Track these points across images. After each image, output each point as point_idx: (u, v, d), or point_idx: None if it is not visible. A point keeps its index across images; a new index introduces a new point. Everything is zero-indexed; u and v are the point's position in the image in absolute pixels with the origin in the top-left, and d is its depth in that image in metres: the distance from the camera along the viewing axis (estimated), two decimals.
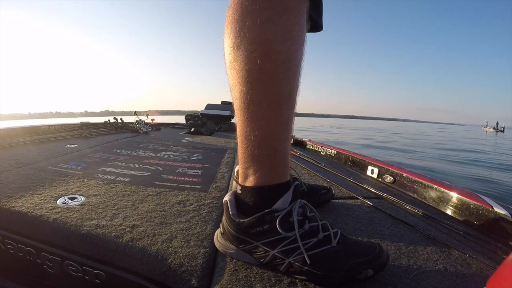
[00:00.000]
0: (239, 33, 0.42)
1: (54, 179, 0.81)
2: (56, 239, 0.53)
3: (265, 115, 0.43)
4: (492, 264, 0.52)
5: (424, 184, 0.92)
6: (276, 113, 0.44)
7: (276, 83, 0.43)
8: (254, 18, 0.41)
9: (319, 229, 0.45)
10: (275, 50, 0.41)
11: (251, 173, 0.46)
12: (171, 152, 1.43)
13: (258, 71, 0.42)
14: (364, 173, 1.24)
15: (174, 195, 0.76)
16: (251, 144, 0.45)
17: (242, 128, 0.45)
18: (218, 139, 2.21)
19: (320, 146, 1.79)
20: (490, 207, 0.69)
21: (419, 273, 0.47)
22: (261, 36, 0.41)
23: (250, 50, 0.42)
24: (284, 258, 0.43)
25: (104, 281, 0.49)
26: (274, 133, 0.45)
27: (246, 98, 0.44)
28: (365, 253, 0.44)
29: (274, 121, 0.44)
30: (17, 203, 0.61)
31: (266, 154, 0.45)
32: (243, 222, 0.45)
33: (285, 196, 0.45)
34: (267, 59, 0.41)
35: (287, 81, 0.43)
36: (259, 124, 0.44)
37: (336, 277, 0.42)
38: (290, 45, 0.42)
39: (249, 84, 0.43)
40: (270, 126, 0.44)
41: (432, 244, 0.59)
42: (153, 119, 2.83)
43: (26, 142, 1.39)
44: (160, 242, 0.50)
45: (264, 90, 0.43)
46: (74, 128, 2.06)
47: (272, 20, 0.41)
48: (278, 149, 0.45)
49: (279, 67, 0.42)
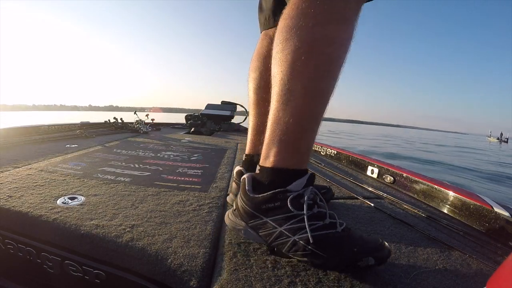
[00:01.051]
0: (291, 30, 0.47)
1: (54, 179, 0.81)
2: (56, 239, 0.53)
3: (299, 105, 0.47)
4: (492, 264, 0.52)
5: (424, 184, 0.92)
6: (310, 106, 0.48)
7: (315, 79, 0.47)
8: (307, 20, 0.46)
9: (327, 215, 0.48)
10: (320, 51, 0.46)
11: (273, 154, 0.50)
12: (171, 152, 1.43)
13: (301, 65, 0.46)
14: (364, 173, 1.24)
15: (174, 195, 0.76)
16: (279, 128, 0.49)
17: (275, 112, 0.49)
18: (218, 139, 2.21)
19: (320, 146, 1.79)
20: (490, 207, 0.69)
21: (419, 273, 0.47)
22: (310, 36, 0.46)
23: (298, 46, 0.46)
24: (290, 236, 0.46)
25: (104, 281, 0.49)
26: (303, 123, 0.49)
27: (284, 87, 0.48)
28: (367, 243, 0.46)
29: (306, 113, 0.48)
30: (17, 203, 0.61)
31: (291, 140, 0.49)
32: (257, 197, 0.49)
33: (300, 180, 0.48)
34: (311, 57, 0.46)
35: (325, 80, 0.48)
36: (292, 112, 0.48)
37: (337, 260, 0.44)
38: (334, 48, 0.47)
39: (290, 75, 0.47)
40: (301, 116, 0.48)
41: (432, 244, 0.59)
42: (153, 119, 2.83)
43: (26, 142, 1.39)
44: (160, 242, 0.50)
45: (302, 82, 0.47)
46: (74, 128, 2.06)
47: (322, 24, 0.46)
48: (303, 138, 0.49)
49: (320, 66, 0.47)
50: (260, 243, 0.51)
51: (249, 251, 0.50)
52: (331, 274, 0.45)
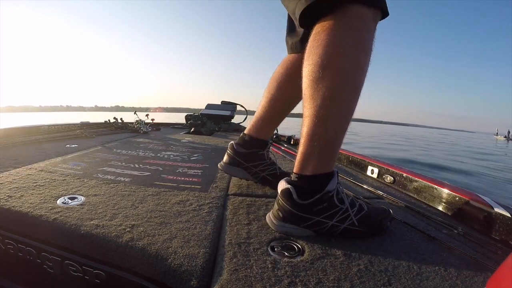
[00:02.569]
0: (330, 57, 0.55)
1: (54, 179, 0.81)
2: (56, 239, 0.53)
3: (336, 124, 0.57)
4: (492, 264, 0.52)
5: (424, 184, 0.92)
6: (343, 124, 0.59)
7: (349, 102, 0.57)
8: (346, 49, 0.55)
9: (357, 201, 0.63)
10: (353, 78, 0.57)
11: (312, 164, 0.59)
12: (171, 152, 1.43)
13: (340, 90, 0.56)
14: (364, 173, 1.24)
15: (174, 195, 0.76)
16: (318, 144, 0.58)
17: (313, 129, 0.57)
18: (218, 139, 2.21)
19: None
20: (490, 207, 0.69)
21: (419, 273, 0.47)
22: (350, 65, 0.56)
23: (338, 73, 0.55)
24: (340, 225, 0.58)
25: (104, 281, 0.49)
26: (338, 138, 0.59)
27: (323, 108, 0.56)
28: (383, 211, 0.64)
29: (340, 130, 0.58)
30: (17, 203, 0.61)
31: (327, 152, 0.59)
32: (307, 203, 0.57)
33: (333, 180, 0.58)
34: (349, 83, 0.56)
35: (355, 101, 0.58)
36: (329, 129, 0.57)
37: (373, 229, 0.60)
38: (362, 76, 0.57)
39: (328, 99, 0.56)
40: (337, 132, 0.58)
41: (432, 244, 0.59)
42: (153, 119, 2.83)
43: (26, 142, 1.39)
44: (160, 242, 0.50)
45: (340, 105, 0.57)
46: (74, 128, 2.06)
47: (355, 54, 0.56)
48: (336, 150, 0.60)
49: (353, 91, 0.57)
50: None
51: (249, 251, 0.50)
52: (331, 274, 0.45)
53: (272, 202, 0.76)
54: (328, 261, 0.49)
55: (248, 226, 0.60)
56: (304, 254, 0.51)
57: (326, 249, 0.53)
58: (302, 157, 0.59)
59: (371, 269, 0.47)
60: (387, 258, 0.51)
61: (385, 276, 0.46)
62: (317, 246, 0.54)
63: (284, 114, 0.93)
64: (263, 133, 0.90)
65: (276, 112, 0.90)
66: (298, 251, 0.52)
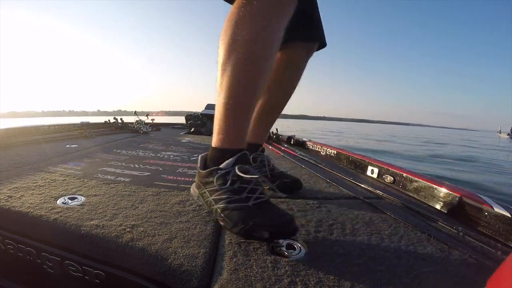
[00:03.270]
0: (224, 32, 0.60)
1: (54, 179, 0.81)
2: (56, 239, 0.53)
3: (226, 95, 0.59)
4: (492, 264, 0.52)
5: (424, 184, 0.92)
6: (234, 96, 0.59)
7: (237, 74, 0.59)
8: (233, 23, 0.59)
9: (246, 190, 0.57)
10: (239, 52, 0.59)
11: (215, 137, 0.62)
12: (171, 152, 1.43)
13: (224, 63, 0.58)
14: (364, 173, 1.24)
15: (174, 195, 0.76)
16: (219, 117, 0.61)
17: (217, 104, 0.61)
18: None
19: (320, 146, 1.79)
20: (490, 207, 0.69)
21: (419, 273, 0.47)
22: (231, 37, 0.58)
23: (223, 47, 0.60)
24: (214, 204, 0.58)
25: (104, 281, 0.49)
26: (234, 112, 0.60)
27: (220, 83, 0.59)
28: (271, 219, 0.55)
29: (234, 104, 0.59)
30: (17, 203, 0.61)
31: (227, 125, 0.60)
32: (201, 172, 0.62)
33: (230, 160, 0.59)
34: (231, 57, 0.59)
35: (245, 75, 0.59)
36: (221, 101, 0.59)
37: (237, 229, 0.53)
38: (252, 45, 0.58)
39: (220, 72, 0.59)
40: (231, 106, 0.59)
41: (432, 244, 0.59)
42: (153, 119, 2.83)
43: (26, 142, 1.39)
44: (160, 242, 0.50)
45: (227, 78, 0.59)
46: (74, 128, 2.06)
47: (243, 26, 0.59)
48: (234, 124, 0.61)
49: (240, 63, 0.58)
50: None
51: (249, 251, 0.50)
52: (331, 274, 0.45)
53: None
54: (328, 261, 0.49)
55: None
56: (304, 253, 0.51)
57: (326, 248, 0.53)
58: (213, 129, 0.63)
59: (371, 269, 0.47)
60: (387, 258, 0.51)
61: (385, 276, 0.46)
62: (317, 246, 0.54)
63: (271, 117, 0.94)
64: (253, 137, 0.91)
65: (262, 116, 0.92)
66: (299, 250, 0.52)
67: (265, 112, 0.92)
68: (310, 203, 0.77)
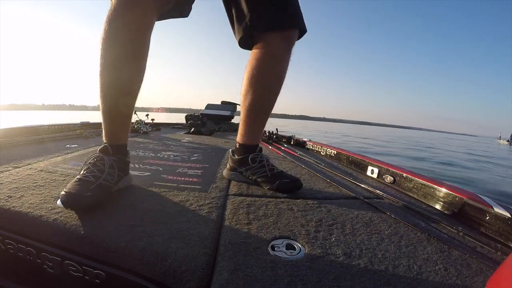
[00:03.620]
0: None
1: (54, 179, 0.81)
2: (56, 239, 0.53)
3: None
4: (492, 264, 0.52)
5: (424, 184, 0.92)
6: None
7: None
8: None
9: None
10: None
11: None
12: (171, 152, 1.43)
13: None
14: (364, 173, 1.24)
15: (174, 195, 0.76)
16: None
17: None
18: (218, 139, 2.21)
19: (320, 146, 1.79)
20: (490, 207, 0.69)
21: (419, 273, 0.47)
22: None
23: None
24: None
25: (104, 281, 0.49)
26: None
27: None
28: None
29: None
30: (17, 203, 0.61)
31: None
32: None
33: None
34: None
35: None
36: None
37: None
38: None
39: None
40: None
41: (432, 244, 0.59)
42: (153, 119, 2.83)
43: (26, 142, 1.39)
44: (160, 242, 0.50)
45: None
46: (74, 128, 2.06)
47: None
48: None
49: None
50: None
51: (249, 251, 0.50)
52: (331, 274, 0.45)
53: (272, 202, 0.76)
54: (328, 261, 0.49)
55: (248, 226, 0.61)
56: (304, 253, 0.51)
57: (326, 248, 0.53)
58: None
59: (371, 269, 0.47)
60: (387, 258, 0.51)
61: (385, 276, 0.46)
62: (317, 246, 0.54)
63: (263, 116, 0.95)
64: (249, 139, 0.94)
65: (254, 116, 0.93)
66: (298, 250, 0.52)
67: (255, 112, 0.91)
68: (310, 203, 0.77)
